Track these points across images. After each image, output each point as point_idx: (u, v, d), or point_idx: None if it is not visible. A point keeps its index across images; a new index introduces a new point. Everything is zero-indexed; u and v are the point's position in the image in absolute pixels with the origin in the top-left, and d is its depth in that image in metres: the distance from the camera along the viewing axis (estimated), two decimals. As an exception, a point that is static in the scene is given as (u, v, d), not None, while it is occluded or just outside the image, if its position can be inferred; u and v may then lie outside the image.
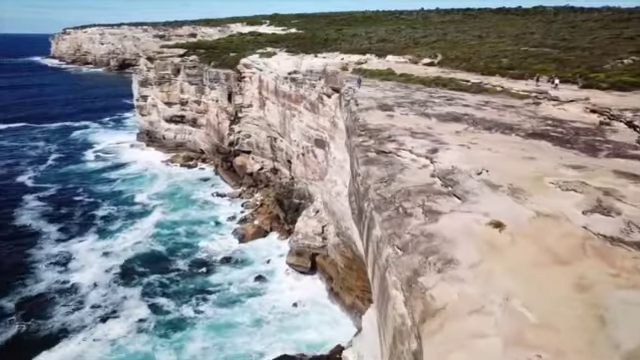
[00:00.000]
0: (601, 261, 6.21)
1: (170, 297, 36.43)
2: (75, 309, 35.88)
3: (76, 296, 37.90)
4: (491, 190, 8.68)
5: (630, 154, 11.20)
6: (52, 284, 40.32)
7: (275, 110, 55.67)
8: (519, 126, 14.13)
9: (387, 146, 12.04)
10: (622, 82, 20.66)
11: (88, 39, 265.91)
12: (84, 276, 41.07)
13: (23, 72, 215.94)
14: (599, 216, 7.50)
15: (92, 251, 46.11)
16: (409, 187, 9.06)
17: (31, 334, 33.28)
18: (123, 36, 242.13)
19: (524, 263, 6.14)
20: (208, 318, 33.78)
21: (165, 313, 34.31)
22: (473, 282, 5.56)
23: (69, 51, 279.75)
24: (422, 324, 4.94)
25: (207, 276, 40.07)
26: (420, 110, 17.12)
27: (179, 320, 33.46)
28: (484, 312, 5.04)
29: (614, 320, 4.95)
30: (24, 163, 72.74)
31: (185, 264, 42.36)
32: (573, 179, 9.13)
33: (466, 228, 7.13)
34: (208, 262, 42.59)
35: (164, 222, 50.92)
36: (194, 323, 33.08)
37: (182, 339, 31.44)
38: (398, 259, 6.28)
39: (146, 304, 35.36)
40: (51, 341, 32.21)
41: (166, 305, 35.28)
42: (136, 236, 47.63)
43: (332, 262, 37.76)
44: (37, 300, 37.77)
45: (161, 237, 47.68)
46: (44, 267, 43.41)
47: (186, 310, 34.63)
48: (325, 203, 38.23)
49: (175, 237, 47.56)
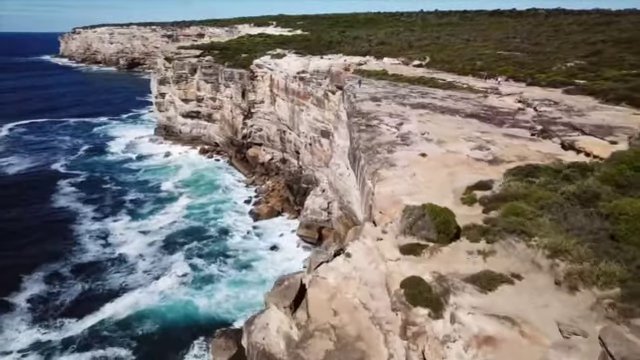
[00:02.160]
0: (468, 167, 13.04)
1: (203, 259, 43.58)
2: (128, 273, 42.51)
3: (126, 264, 44.31)
4: (426, 142, 15.51)
5: (521, 125, 17.92)
6: (99, 255, 46.89)
7: (285, 106, 62.49)
8: (463, 110, 20.87)
9: (372, 122, 18.87)
10: (555, 81, 27.24)
11: (98, 39, 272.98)
12: (129, 249, 47.56)
13: (36, 71, 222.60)
14: (478, 151, 14.33)
15: (128, 229, 52.89)
16: (381, 142, 15.89)
17: (93, 291, 39.73)
18: (132, 36, 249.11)
19: (429, 167, 12.97)
20: (230, 276, 40.89)
21: (200, 271, 41.42)
22: (401, 171, 12.39)
23: (79, 50, 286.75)
24: (376, 183, 11.76)
25: (231, 245, 47.12)
26: (400, 101, 23.94)
27: (210, 276, 40.56)
28: (403, 179, 11.87)
29: (458, 180, 11.76)
30: (57, 154, 80.00)
31: (214, 235, 49.51)
32: (475, 137, 15.97)
33: (406, 156, 13.96)
34: (232, 235, 49.67)
35: (193, 205, 57.95)
36: (220, 278, 40.21)
37: (212, 290, 38.55)
38: (369, 166, 13.13)
39: (187, 264, 42.55)
40: (111, 296, 38.64)
41: (200, 265, 42.44)
42: (170, 217, 54.50)
43: (336, 233, 44.52)
44: (90, 267, 44.21)
45: (194, 216, 54.76)
46: (87, 241, 50.16)
47: (216, 269, 41.80)
48: (330, 183, 45.01)
49: (205, 215, 54.71)
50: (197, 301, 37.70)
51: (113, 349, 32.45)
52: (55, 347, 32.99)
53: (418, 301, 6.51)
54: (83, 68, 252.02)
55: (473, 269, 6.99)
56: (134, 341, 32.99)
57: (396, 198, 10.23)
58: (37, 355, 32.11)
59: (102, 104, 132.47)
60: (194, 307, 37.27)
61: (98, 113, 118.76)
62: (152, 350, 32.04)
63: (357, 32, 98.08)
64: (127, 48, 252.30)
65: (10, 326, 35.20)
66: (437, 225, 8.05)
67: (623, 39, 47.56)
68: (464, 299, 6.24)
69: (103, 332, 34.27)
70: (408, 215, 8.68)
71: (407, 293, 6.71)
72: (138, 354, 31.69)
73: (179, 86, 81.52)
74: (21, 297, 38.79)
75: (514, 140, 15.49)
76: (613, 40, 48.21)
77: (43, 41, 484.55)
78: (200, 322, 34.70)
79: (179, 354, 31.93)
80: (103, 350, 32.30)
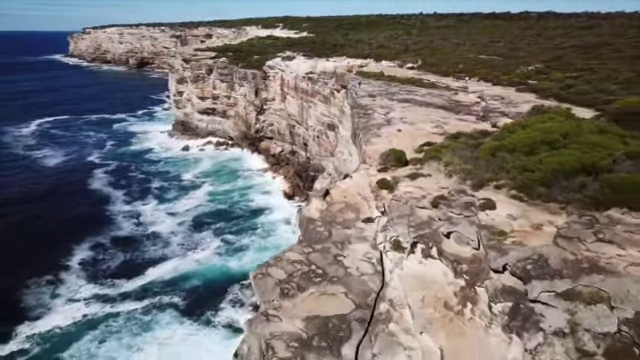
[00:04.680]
0: (426, 136, 20.71)
1: (233, 234, 51.64)
2: (163, 247, 50.25)
3: (160, 239, 51.96)
4: (403, 123, 23.21)
5: (472, 113, 25.54)
6: (134, 232, 54.82)
7: (294, 103, 70.27)
8: (435, 104, 28.49)
9: (368, 112, 26.57)
10: (513, 81, 34.73)
11: (107, 38, 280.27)
12: (160, 228, 55.31)
13: (50, 70, 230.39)
14: (436, 128, 22.00)
15: (157, 211, 60.85)
16: (373, 123, 23.58)
17: (134, 259, 47.43)
18: (141, 36, 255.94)
19: (401, 137, 20.63)
20: (255, 245, 49.07)
21: (231, 244, 49.53)
22: (384, 139, 20.05)
23: (89, 50, 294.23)
24: (368, 145, 19.43)
25: (254, 220, 55.35)
26: (390, 97, 31.61)
27: (239, 246, 48.74)
28: (384, 143, 19.55)
29: (417, 143, 19.44)
30: (86, 147, 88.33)
31: (239, 213, 57.61)
32: (437, 120, 23.67)
33: (388, 131, 21.64)
34: (254, 212, 57.86)
35: (216, 191, 66.01)
36: (248, 247, 48.44)
37: (242, 256, 46.74)
38: (364, 137, 20.83)
39: (218, 239, 50.49)
40: (152, 263, 46.35)
41: (231, 239, 50.54)
42: (195, 201, 62.61)
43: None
44: (127, 241, 51.94)
45: (218, 199, 62.83)
46: (122, 220, 58.02)
47: (243, 241, 49.95)
48: (335, 168, 52.78)
49: (229, 199, 62.86)
50: (229, 264, 45.90)
51: (165, 298, 40.33)
52: (114, 298, 40.87)
53: (382, 187, 14.23)
54: (94, 67, 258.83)
55: (410, 174, 14.72)
56: (181, 292, 40.97)
57: (379, 151, 17.94)
58: (101, 303, 40.01)
59: (117, 102, 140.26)
60: (227, 268, 45.46)
61: (115, 110, 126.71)
62: (197, 297, 40.07)
63: (359, 35, 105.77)
64: (136, 48, 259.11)
65: (71, 282, 43.23)
66: (395, 158, 15.77)
67: (590, 44, 55.01)
68: (403, 183, 13.95)
69: (153, 288, 42.23)
70: (383, 155, 16.43)
71: (378, 185, 14.46)
72: (186, 301, 39.62)
73: (196, 85, 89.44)
74: (74, 261, 46.78)
75: (463, 122, 23.16)
76: (582, 45, 55.67)
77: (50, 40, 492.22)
78: (233, 277, 42.76)
79: (218, 299, 39.76)
80: (157, 299, 40.19)
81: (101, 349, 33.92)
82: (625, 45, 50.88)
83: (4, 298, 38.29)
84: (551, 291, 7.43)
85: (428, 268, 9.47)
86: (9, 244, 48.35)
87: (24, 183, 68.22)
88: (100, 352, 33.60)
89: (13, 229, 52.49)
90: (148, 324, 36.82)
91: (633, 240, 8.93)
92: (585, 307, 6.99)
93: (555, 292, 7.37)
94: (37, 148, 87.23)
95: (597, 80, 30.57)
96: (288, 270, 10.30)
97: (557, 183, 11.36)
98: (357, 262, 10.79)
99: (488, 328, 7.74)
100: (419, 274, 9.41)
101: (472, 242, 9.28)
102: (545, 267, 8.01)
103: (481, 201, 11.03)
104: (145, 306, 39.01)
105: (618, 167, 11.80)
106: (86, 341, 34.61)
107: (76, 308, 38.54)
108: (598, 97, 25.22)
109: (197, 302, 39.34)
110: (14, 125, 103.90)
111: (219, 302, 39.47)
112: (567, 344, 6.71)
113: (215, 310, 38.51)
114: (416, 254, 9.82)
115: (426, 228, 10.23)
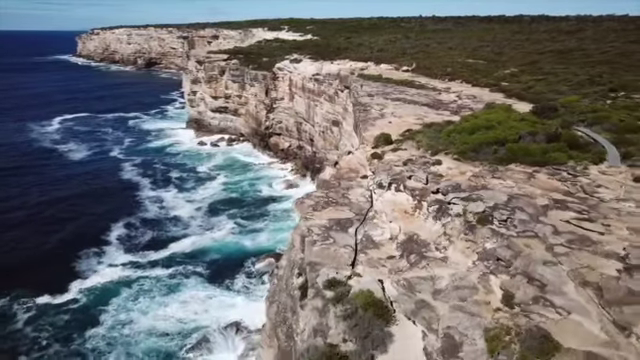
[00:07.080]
0: (409, 126, 27.63)
1: (245, 219, 58.53)
2: (184, 227, 57.51)
3: (181, 221, 59.38)
4: (393, 117, 30.08)
5: (449, 109, 32.33)
6: (159, 214, 62.09)
7: (302, 102, 77.13)
8: (421, 102, 35.29)
9: (367, 108, 33.45)
10: (489, 83, 41.44)
11: (116, 39, 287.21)
12: (181, 212, 62.59)
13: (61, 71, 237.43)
14: (418, 120, 28.87)
15: (177, 199, 68.04)
16: (370, 117, 30.44)
17: (160, 236, 54.83)
18: (149, 37, 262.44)
19: (391, 126, 27.47)
20: (268, 227, 55.92)
21: (245, 227, 56.51)
22: (377, 128, 26.93)
23: (97, 50, 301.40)
24: (364, 133, 26.28)
25: (266, 207, 62.15)
26: (385, 96, 38.45)
27: (253, 229, 55.69)
28: (377, 130, 26.42)
29: (402, 130, 26.31)
30: (107, 142, 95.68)
31: (252, 201, 64.48)
32: (420, 114, 30.54)
33: (381, 122, 28.46)
34: (266, 200, 64.74)
35: (230, 182, 72.98)
36: (261, 229, 55.32)
37: (255, 237, 53.66)
38: (363, 126, 27.71)
39: (232, 222, 57.43)
40: (175, 239, 53.76)
41: (245, 222, 57.50)
42: (211, 190, 69.73)
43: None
44: (154, 222, 59.38)
45: (232, 189, 69.81)
46: (148, 204, 65.29)
47: (255, 224, 56.80)
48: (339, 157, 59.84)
49: (242, 188, 69.82)
50: (243, 242, 52.93)
51: (189, 267, 47.38)
52: (145, 265, 48.10)
53: (374, 157, 21.15)
54: (102, 67, 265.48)
55: (393, 148, 21.64)
56: (202, 263, 47.98)
57: (373, 135, 24.80)
58: (135, 268, 47.30)
59: (130, 101, 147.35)
60: (242, 245, 52.44)
61: (129, 109, 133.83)
62: (216, 268, 47.05)
63: (361, 38, 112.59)
64: (144, 48, 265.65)
65: (111, 252, 50.70)
66: (384, 139, 22.69)
67: (565, 49, 61.71)
68: (388, 155, 20.89)
69: (177, 259, 49.42)
70: (376, 138, 23.37)
71: (371, 156, 21.41)
72: (207, 270, 46.55)
73: (210, 85, 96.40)
74: (112, 236, 54.26)
75: (439, 116, 30.01)
76: (560, 50, 62.35)
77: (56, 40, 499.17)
78: (248, 252, 49.70)
79: (235, 270, 46.61)
80: (181, 267, 47.28)
81: (136, 304, 40.96)
82: (596, 50, 57.49)
83: (63, 262, 45.92)
84: (457, 197, 14.30)
85: (397, 196, 16.34)
86: (66, 221, 56.86)
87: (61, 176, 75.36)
88: (135, 307, 40.61)
89: (67, 210, 60.61)
90: (176, 286, 43.85)
91: (512, 177, 15.84)
92: (471, 203, 13.83)
93: (459, 197, 14.24)
94: (62, 142, 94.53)
95: (555, 82, 37.29)
96: (315, 200, 17.16)
97: (481, 149, 18.29)
98: (356, 196, 17.65)
99: (426, 219, 14.64)
100: (392, 199, 16.28)
101: (422, 180, 16.17)
102: (457, 188, 14.91)
103: (433, 160, 17.95)
104: (171, 273, 46.10)
105: (522, 141, 18.71)
106: (123, 296, 41.78)
107: (115, 271, 45.94)
108: (549, 96, 31.95)
109: (216, 271, 46.31)
110: (37, 123, 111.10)
111: (236, 272, 46.29)
112: (460, 219, 13.56)
113: (232, 278, 45.37)
114: (391, 189, 16.69)
115: (397, 176, 17.11)
